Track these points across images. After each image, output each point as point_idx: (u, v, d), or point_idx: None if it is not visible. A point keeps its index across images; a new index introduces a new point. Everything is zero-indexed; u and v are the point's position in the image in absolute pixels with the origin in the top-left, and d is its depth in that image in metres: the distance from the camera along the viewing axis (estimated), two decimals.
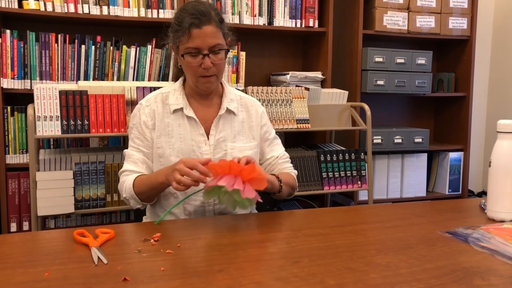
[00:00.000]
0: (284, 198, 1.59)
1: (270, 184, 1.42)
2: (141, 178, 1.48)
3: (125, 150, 1.57)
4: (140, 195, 1.47)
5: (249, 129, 1.60)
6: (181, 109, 1.53)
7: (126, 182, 1.50)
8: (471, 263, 1.03)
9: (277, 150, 1.66)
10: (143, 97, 1.72)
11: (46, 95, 2.08)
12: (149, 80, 2.46)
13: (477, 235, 1.19)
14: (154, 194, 1.49)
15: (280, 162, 1.64)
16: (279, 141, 1.69)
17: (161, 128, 1.53)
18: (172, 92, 1.57)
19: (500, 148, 1.34)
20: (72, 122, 2.12)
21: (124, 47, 2.42)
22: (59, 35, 2.32)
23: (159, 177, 1.41)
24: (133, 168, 1.52)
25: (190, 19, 1.42)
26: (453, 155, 3.17)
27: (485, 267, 1.01)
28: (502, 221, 1.34)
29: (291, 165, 1.67)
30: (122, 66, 2.42)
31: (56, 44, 2.31)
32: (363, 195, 2.88)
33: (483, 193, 3.60)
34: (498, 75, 3.59)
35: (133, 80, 2.44)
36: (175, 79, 1.65)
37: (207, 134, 1.54)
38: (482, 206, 1.50)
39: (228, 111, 1.57)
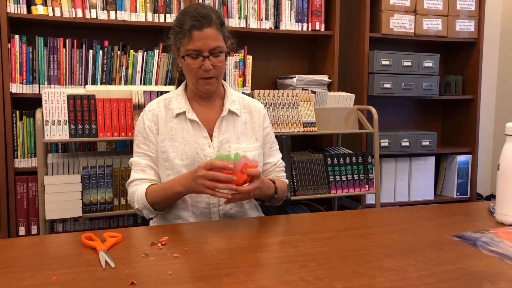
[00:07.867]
0: (272, 205, 1.59)
1: (267, 188, 1.45)
2: (153, 189, 1.48)
3: (131, 159, 1.58)
4: (154, 206, 1.47)
5: (252, 130, 1.60)
6: (184, 113, 1.54)
7: (137, 192, 1.49)
8: (479, 267, 1.02)
9: (276, 156, 1.66)
10: (151, 101, 1.73)
11: (54, 100, 2.09)
12: (156, 84, 2.48)
13: (486, 239, 1.19)
14: (169, 203, 1.49)
15: (277, 170, 1.64)
16: (277, 146, 1.69)
17: (164, 132, 1.53)
18: (174, 97, 1.58)
19: (509, 151, 1.33)
20: (80, 126, 2.13)
21: (132, 51, 2.43)
22: (67, 40, 2.33)
23: (176, 186, 1.40)
24: (142, 177, 1.52)
25: (191, 21, 1.43)
26: (461, 158, 3.15)
27: (494, 271, 1.00)
28: (511, 225, 1.33)
29: (285, 174, 1.67)
30: (130, 71, 2.44)
31: (64, 49, 2.33)
32: (370, 199, 2.87)
33: (491, 197, 3.57)
34: (506, 77, 3.57)
35: (140, 84, 2.45)
36: (178, 83, 1.66)
37: (210, 136, 1.54)
38: (491, 209, 1.49)
39: (231, 112, 1.57)
